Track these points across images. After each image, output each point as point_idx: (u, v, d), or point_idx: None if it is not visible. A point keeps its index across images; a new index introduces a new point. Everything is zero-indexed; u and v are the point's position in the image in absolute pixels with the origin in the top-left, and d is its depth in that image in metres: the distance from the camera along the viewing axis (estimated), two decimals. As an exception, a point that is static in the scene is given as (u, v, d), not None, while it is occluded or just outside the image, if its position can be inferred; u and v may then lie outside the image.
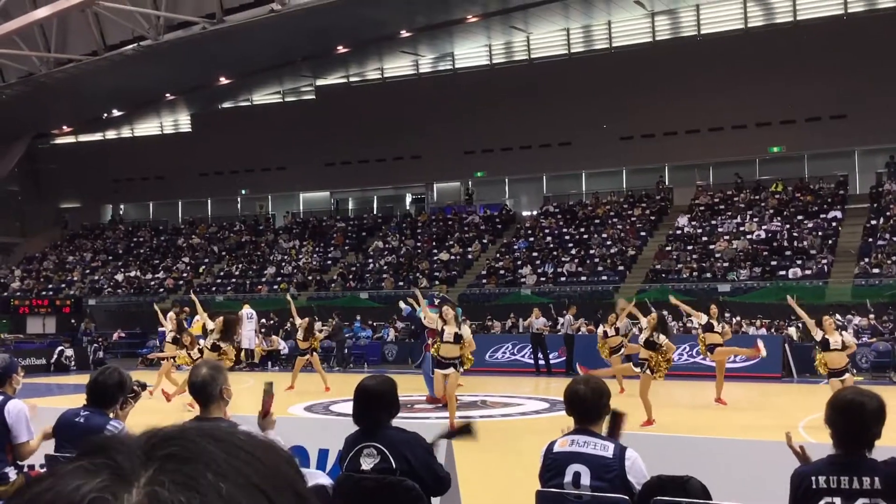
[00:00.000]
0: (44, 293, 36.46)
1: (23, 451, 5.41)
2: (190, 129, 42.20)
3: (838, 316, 21.06)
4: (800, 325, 22.20)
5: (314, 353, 18.22)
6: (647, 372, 12.61)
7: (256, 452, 0.71)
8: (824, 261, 26.60)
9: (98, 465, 0.68)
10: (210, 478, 0.67)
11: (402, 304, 18.16)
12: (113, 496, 0.66)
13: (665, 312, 15.26)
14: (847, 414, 3.59)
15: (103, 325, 32.38)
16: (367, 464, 4.35)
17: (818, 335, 12.44)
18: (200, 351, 23.00)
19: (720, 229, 29.90)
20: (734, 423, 12.76)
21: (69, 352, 25.85)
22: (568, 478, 4.10)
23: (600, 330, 17.62)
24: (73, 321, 31.21)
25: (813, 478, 3.58)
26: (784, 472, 3.79)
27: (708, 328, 14.77)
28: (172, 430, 0.73)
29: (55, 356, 25.31)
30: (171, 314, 19.98)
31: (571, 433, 4.23)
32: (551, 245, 31.88)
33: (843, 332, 13.15)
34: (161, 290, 35.76)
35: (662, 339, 12.74)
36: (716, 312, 15.10)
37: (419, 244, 34.61)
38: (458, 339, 12.70)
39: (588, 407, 4.22)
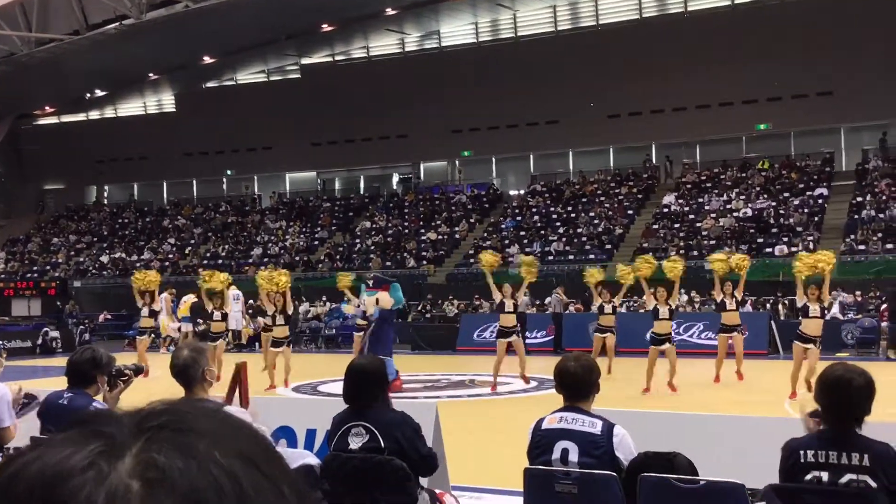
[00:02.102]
0: (28, 275, 36.25)
1: (5, 435, 5.37)
2: (174, 109, 41.85)
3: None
4: (786, 301, 22.35)
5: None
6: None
7: (243, 427, 0.71)
8: (810, 238, 26.71)
9: (88, 435, 0.67)
10: (204, 446, 0.66)
11: (348, 309, 17.14)
12: (106, 463, 0.64)
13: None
14: (836, 391, 3.60)
15: (89, 306, 32.22)
16: (355, 443, 4.34)
17: (801, 301, 12.72)
18: (179, 331, 23.00)
19: (707, 207, 29.98)
20: (721, 399, 12.84)
21: (54, 333, 25.75)
22: (556, 455, 4.11)
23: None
24: (58, 303, 31.06)
25: (801, 451, 3.60)
26: (770, 448, 3.80)
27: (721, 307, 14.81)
28: (161, 404, 0.72)
29: (41, 338, 25.22)
30: (165, 295, 19.94)
31: (560, 410, 4.23)
32: (539, 224, 31.90)
33: (825, 302, 13.30)
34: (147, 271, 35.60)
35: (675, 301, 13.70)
36: (728, 289, 14.49)
37: (406, 224, 34.56)
38: (515, 309, 13.87)
39: (578, 384, 4.22)
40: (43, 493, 0.63)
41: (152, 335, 18.29)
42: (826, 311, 12.97)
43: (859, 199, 28.18)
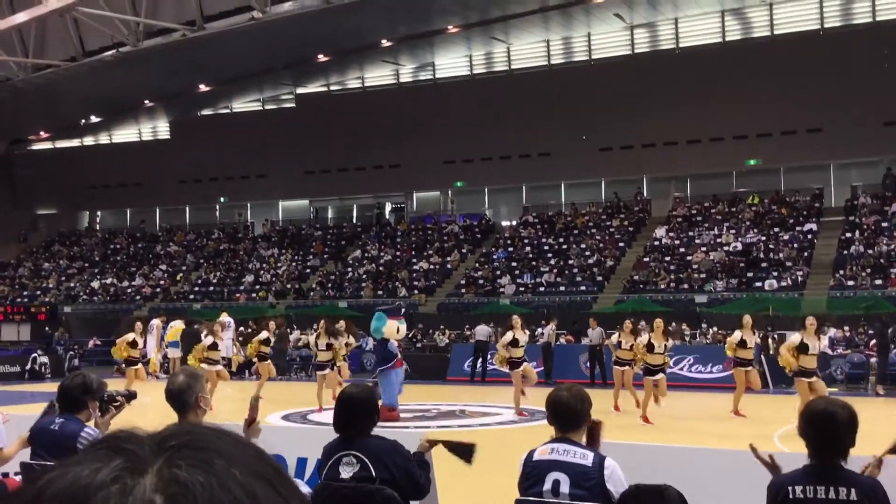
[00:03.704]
0: (19, 300, 36.07)
1: (-2, 458, 5.35)
2: (169, 136, 41.97)
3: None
4: (775, 336, 22.42)
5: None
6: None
7: (256, 449, 0.75)
8: (800, 273, 26.85)
9: (111, 452, 0.70)
10: (222, 464, 0.69)
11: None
12: (130, 479, 0.67)
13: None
14: (819, 425, 3.64)
15: (78, 332, 32.04)
16: (346, 472, 4.34)
17: (797, 338, 12.75)
18: (165, 358, 22.91)
19: (697, 241, 30.12)
20: (711, 432, 12.84)
21: (43, 359, 25.60)
22: (547, 486, 4.12)
23: (614, 339, 16.33)
24: (47, 329, 30.89)
25: (790, 487, 3.62)
26: (759, 481, 3.82)
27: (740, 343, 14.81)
28: (182, 424, 0.75)
29: (30, 363, 25.09)
30: (155, 321, 19.90)
31: (552, 441, 4.25)
32: (530, 255, 31.96)
33: (821, 337, 13.37)
34: (138, 297, 35.49)
35: (670, 342, 14.62)
36: (748, 322, 14.89)
37: (398, 253, 34.59)
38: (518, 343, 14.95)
39: (571, 414, 4.24)
40: None
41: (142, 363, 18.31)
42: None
43: (848, 234, 28.36)
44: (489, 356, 22.22)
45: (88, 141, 43.41)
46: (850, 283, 25.88)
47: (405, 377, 15.11)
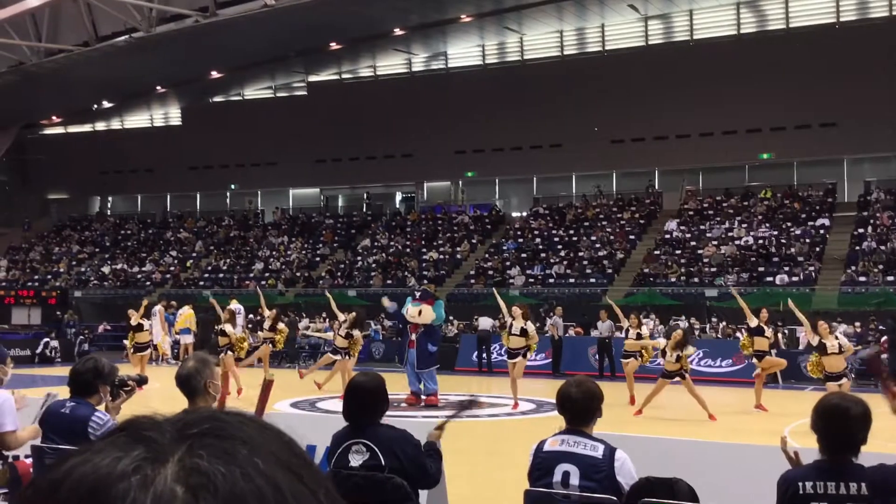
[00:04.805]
0: (29, 284, 36.25)
1: (9, 440, 5.37)
2: (180, 123, 42.02)
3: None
4: (785, 331, 22.35)
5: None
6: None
7: (281, 435, 0.73)
8: (811, 268, 26.73)
9: (131, 440, 0.69)
10: (245, 453, 0.68)
11: (386, 303, 18.24)
12: (151, 468, 0.66)
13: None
14: (832, 419, 3.61)
15: (89, 317, 32.19)
16: (355, 461, 4.34)
17: (815, 340, 12.72)
18: (177, 343, 22.98)
19: (709, 234, 30.00)
20: (721, 427, 12.81)
21: (53, 343, 25.74)
22: (557, 477, 4.11)
23: (625, 323, 16.52)
24: (58, 313, 31.05)
25: (800, 483, 3.60)
26: (770, 476, 3.80)
27: (758, 332, 14.82)
28: (204, 410, 0.74)
29: (40, 347, 25.21)
30: (158, 307, 20.00)
31: (562, 433, 4.24)
32: (540, 246, 31.91)
33: (839, 336, 13.28)
34: (148, 283, 35.62)
35: (690, 349, 14.38)
36: (765, 316, 15.01)
37: (408, 243, 34.59)
38: (523, 332, 14.54)
39: (579, 409, 4.22)
40: (89, 497, 0.64)
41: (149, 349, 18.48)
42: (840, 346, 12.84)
43: (861, 230, 28.21)
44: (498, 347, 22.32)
45: (100, 126, 43.51)
46: (862, 278, 25.75)
47: (419, 360, 15.14)
